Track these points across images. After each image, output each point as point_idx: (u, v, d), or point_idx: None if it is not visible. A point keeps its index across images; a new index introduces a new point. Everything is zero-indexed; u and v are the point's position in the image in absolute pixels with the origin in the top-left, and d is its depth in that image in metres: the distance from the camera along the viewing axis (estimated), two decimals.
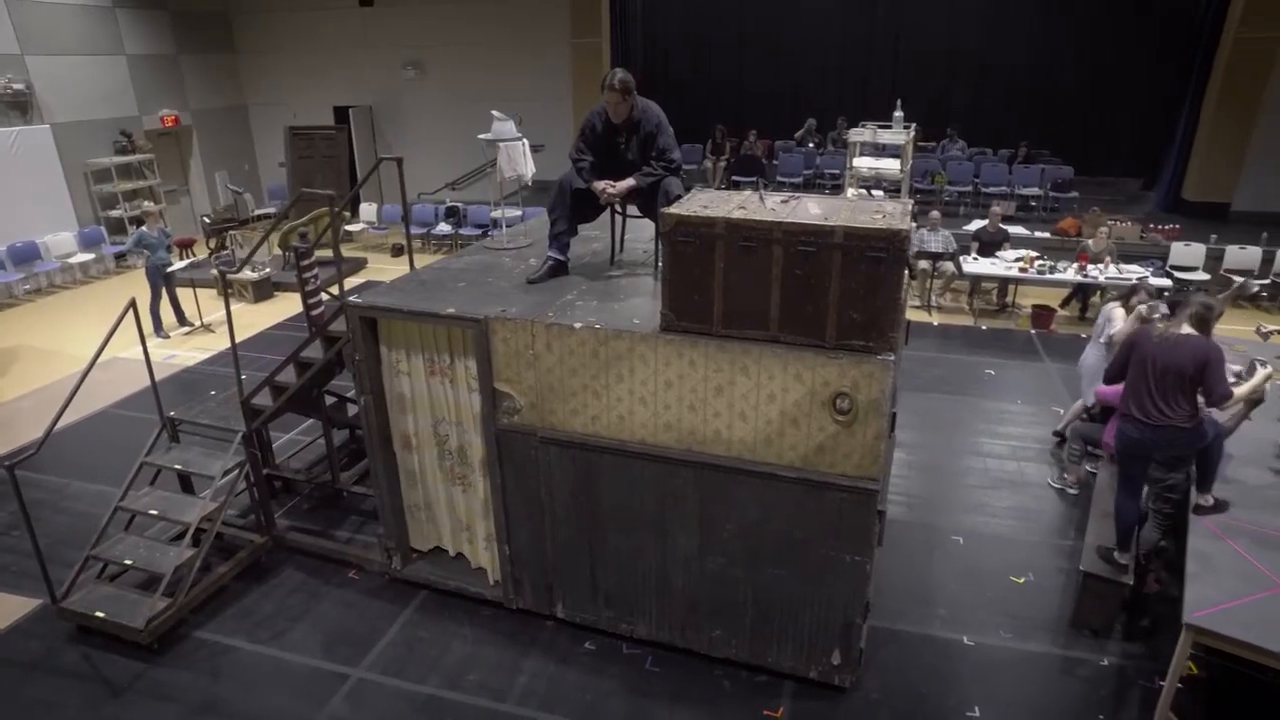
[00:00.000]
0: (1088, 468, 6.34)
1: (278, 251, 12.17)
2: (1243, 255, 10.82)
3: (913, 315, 9.97)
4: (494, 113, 5.88)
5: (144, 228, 9.74)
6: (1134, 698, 4.43)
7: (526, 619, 4.98)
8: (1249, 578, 4.10)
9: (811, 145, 14.66)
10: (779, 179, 13.75)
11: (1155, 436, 4.50)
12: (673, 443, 4.07)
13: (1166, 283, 9.76)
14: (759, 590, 4.26)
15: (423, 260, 5.76)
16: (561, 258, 4.89)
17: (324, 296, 6.25)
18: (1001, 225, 10.61)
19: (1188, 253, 10.91)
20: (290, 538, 5.71)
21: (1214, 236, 11.09)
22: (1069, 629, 4.94)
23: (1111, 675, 4.62)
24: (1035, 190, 13.35)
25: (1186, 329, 4.46)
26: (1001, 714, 4.33)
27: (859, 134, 5.78)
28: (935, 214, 10.62)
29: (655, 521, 4.30)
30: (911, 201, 3.96)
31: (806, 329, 3.62)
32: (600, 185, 4.62)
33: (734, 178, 13.36)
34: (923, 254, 10.19)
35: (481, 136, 5.86)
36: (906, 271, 3.54)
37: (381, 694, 4.48)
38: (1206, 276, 10.77)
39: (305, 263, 6.12)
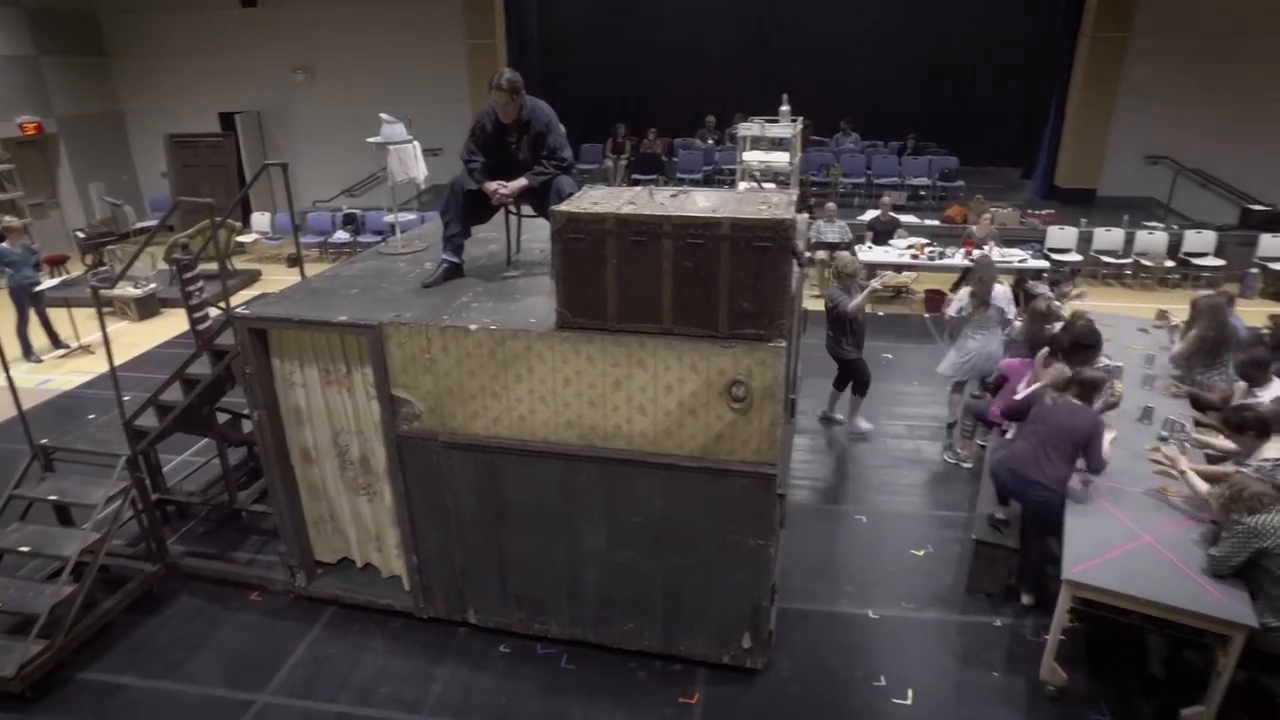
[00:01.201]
0: (979, 442, 6.67)
1: (163, 266, 11.58)
2: (1108, 237, 11.57)
3: (812, 304, 10.30)
4: (383, 115, 5.76)
5: (4, 244, 9.04)
6: (1024, 653, 4.70)
7: (438, 627, 4.91)
8: (1118, 532, 4.41)
9: (711, 141, 14.90)
10: (679, 176, 13.93)
11: (1023, 490, 4.87)
12: (575, 440, 4.09)
13: (1045, 264, 10.37)
14: (668, 580, 4.32)
15: (321, 270, 5.60)
16: (456, 260, 4.84)
17: (210, 311, 6.00)
18: (893, 214, 11.03)
19: (1062, 236, 11.61)
20: (186, 564, 5.45)
21: (1084, 220, 11.84)
22: (965, 595, 5.19)
23: (1004, 634, 4.88)
24: (924, 180, 13.95)
25: (1074, 400, 4.85)
26: (905, 680, 4.52)
27: (748, 128, 5.92)
28: (831, 205, 10.97)
29: (562, 519, 4.31)
30: (797, 192, 4.09)
31: (699, 320, 3.69)
32: (492, 186, 4.59)
33: (634, 176, 13.46)
34: (820, 244, 10.51)
35: (371, 140, 5.74)
36: (795, 260, 3.65)
37: (289, 717, 4.33)
38: (1079, 257, 11.49)
39: (188, 275, 5.86)
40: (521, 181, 4.58)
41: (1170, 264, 11.48)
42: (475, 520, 4.47)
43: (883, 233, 10.72)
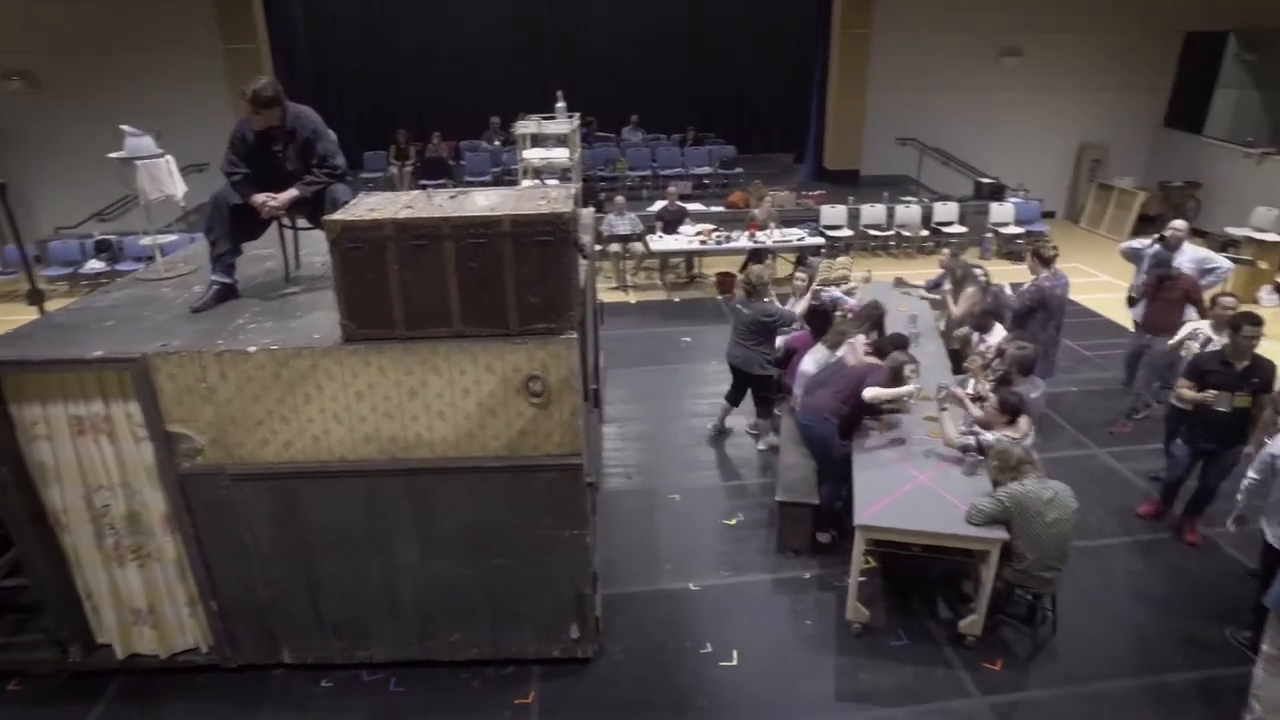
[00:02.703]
0: (775, 410, 7.11)
1: None
2: (873, 212, 12.74)
3: (611, 296, 10.56)
4: (125, 128, 5.22)
5: None
6: (831, 599, 5.11)
7: (250, 674, 4.56)
8: (898, 477, 4.90)
9: (497, 143, 14.79)
10: (467, 179, 13.72)
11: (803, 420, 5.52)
12: (375, 454, 3.95)
13: (821, 240, 11.25)
14: (489, 584, 4.29)
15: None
16: (227, 280, 4.51)
17: None
18: (680, 204, 11.50)
19: (834, 214, 12.61)
20: None
21: (851, 199, 12.94)
22: (776, 555, 5.55)
23: (814, 585, 5.29)
24: (706, 169, 14.65)
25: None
26: (730, 642, 4.78)
27: (525, 126, 5.95)
28: (620, 199, 11.27)
29: (372, 538, 4.16)
30: (577, 186, 4.18)
31: (489, 319, 3.69)
32: (260, 198, 4.31)
33: (421, 182, 13.10)
34: (613, 237, 10.77)
35: (113, 155, 5.19)
36: (579, 252, 3.73)
37: None
38: (850, 232, 12.54)
39: None
40: (292, 193, 4.33)
41: (925, 233, 12.81)
42: (278, 553, 4.20)
43: (671, 221, 11.14)
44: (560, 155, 5.90)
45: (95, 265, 12.01)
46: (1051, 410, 6.98)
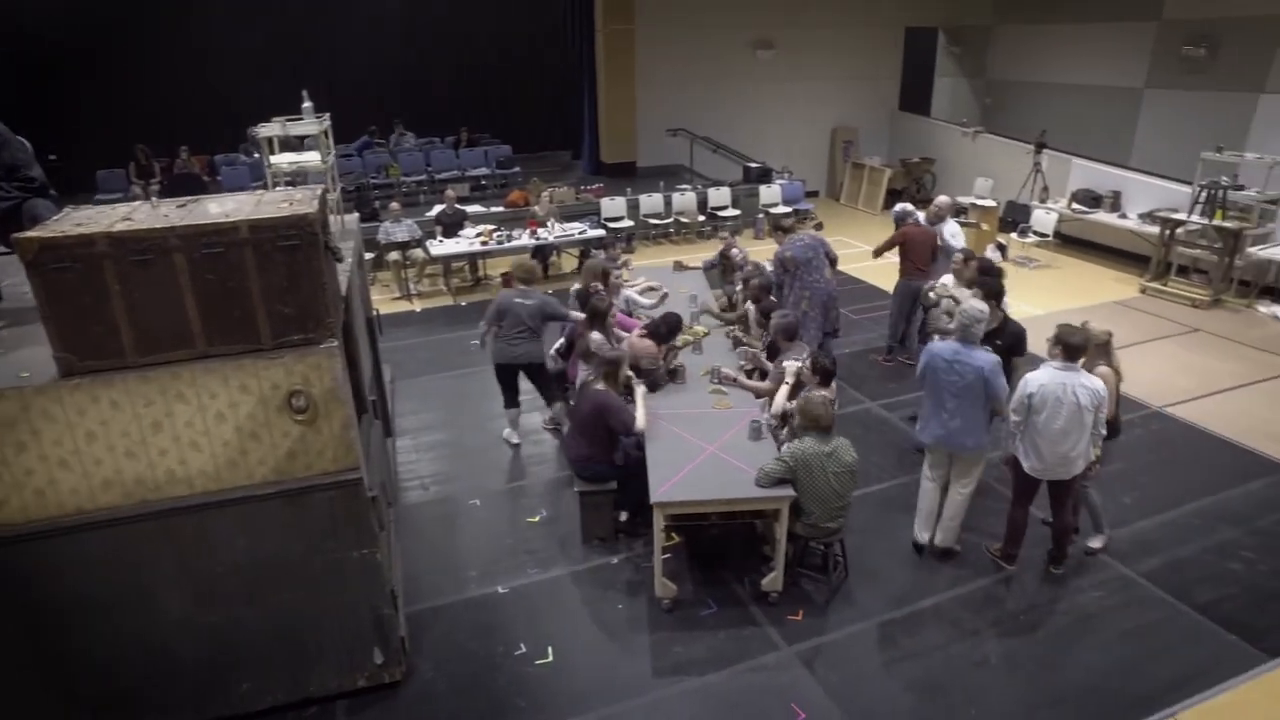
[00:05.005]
0: (572, 401, 7.12)
1: None
2: (651, 202, 13.13)
3: (395, 307, 10.15)
4: None
5: None
6: (640, 581, 5.18)
7: None
8: (688, 451, 5.05)
9: (257, 155, 13.69)
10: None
11: (578, 471, 5.51)
12: (120, 500, 3.49)
13: (602, 232, 11.43)
14: (277, 622, 3.94)
15: None
16: None
17: None
18: (458, 206, 11.22)
19: (613, 206, 12.85)
20: None
21: (629, 190, 13.25)
22: (583, 545, 5.55)
23: (623, 569, 5.34)
24: (484, 170, 14.43)
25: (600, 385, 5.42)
26: (544, 639, 4.72)
27: (268, 129, 5.53)
28: (395, 205, 10.84)
29: (132, 594, 3.67)
30: (324, 188, 3.91)
31: (238, 335, 3.37)
32: None
33: None
34: (390, 245, 10.34)
35: None
36: (332, 255, 3.49)
37: None
38: (631, 223, 12.85)
39: None
40: None
41: (702, 218, 13.37)
42: (11, 633, 3.60)
43: (451, 225, 10.86)
44: (311, 159, 5.52)
45: None
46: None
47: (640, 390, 5.49)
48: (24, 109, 12.18)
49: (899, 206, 8.37)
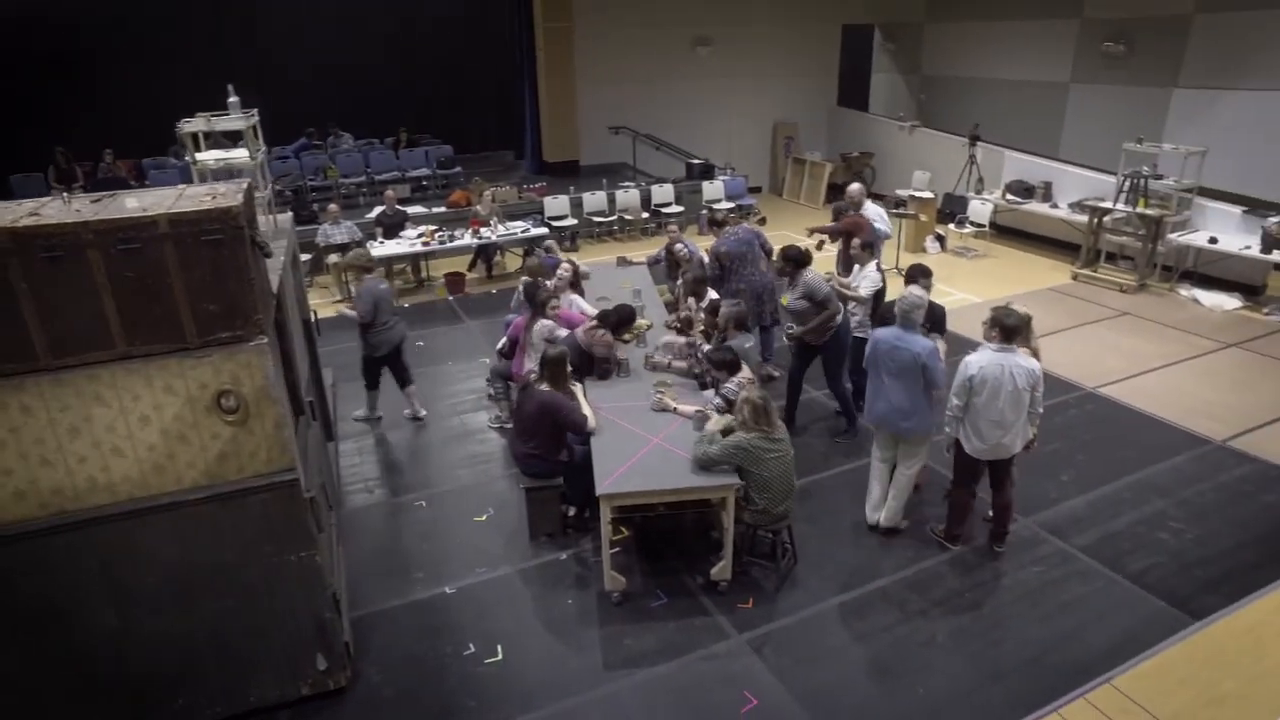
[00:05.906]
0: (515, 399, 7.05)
1: None
2: (594, 199, 13.09)
3: (336, 310, 9.90)
4: None
5: None
6: (590, 574, 5.15)
7: None
8: (633, 443, 5.03)
9: (187, 159, 13.26)
10: None
11: (524, 468, 5.46)
12: (36, 511, 3.32)
13: (546, 231, 11.35)
14: (213, 631, 3.80)
15: None
16: None
17: None
18: (399, 207, 11.04)
19: (557, 204, 12.79)
20: None
21: (572, 188, 13.19)
22: (530, 543, 5.49)
23: (571, 564, 5.29)
24: (425, 171, 14.22)
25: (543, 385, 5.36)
26: (493, 637, 4.65)
27: (193, 124, 5.35)
28: (333, 207, 10.61)
29: (50, 612, 3.50)
30: (249, 181, 3.78)
31: (162, 334, 3.24)
32: None
33: None
34: (330, 247, 10.12)
35: None
36: (260, 251, 3.38)
37: None
38: (575, 221, 12.79)
39: None
40: None
41: (645, 215, 13.37)
42: None
43: (392, 226, 10.68)
44: (239, 155, 5.36)
45: None
46: (767, 361, 7.60)
47: (579, 389, 5.46)
48: None
49: (854, 186, 8.45)
